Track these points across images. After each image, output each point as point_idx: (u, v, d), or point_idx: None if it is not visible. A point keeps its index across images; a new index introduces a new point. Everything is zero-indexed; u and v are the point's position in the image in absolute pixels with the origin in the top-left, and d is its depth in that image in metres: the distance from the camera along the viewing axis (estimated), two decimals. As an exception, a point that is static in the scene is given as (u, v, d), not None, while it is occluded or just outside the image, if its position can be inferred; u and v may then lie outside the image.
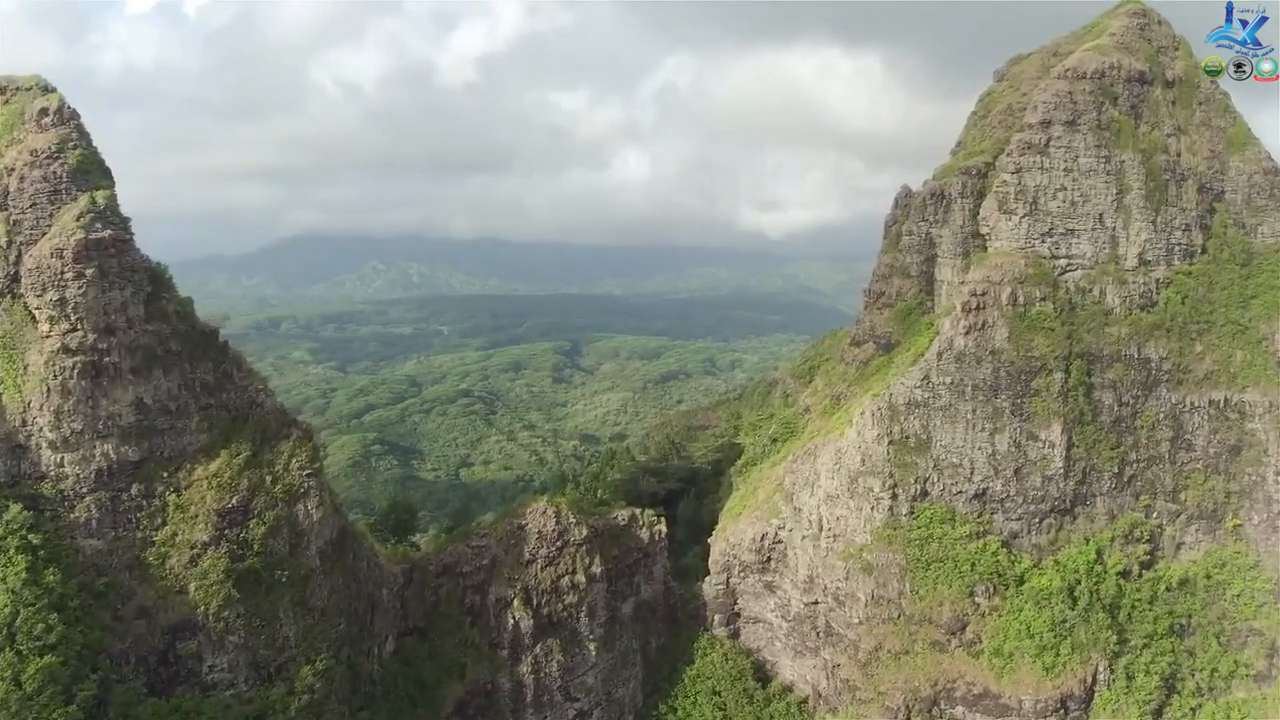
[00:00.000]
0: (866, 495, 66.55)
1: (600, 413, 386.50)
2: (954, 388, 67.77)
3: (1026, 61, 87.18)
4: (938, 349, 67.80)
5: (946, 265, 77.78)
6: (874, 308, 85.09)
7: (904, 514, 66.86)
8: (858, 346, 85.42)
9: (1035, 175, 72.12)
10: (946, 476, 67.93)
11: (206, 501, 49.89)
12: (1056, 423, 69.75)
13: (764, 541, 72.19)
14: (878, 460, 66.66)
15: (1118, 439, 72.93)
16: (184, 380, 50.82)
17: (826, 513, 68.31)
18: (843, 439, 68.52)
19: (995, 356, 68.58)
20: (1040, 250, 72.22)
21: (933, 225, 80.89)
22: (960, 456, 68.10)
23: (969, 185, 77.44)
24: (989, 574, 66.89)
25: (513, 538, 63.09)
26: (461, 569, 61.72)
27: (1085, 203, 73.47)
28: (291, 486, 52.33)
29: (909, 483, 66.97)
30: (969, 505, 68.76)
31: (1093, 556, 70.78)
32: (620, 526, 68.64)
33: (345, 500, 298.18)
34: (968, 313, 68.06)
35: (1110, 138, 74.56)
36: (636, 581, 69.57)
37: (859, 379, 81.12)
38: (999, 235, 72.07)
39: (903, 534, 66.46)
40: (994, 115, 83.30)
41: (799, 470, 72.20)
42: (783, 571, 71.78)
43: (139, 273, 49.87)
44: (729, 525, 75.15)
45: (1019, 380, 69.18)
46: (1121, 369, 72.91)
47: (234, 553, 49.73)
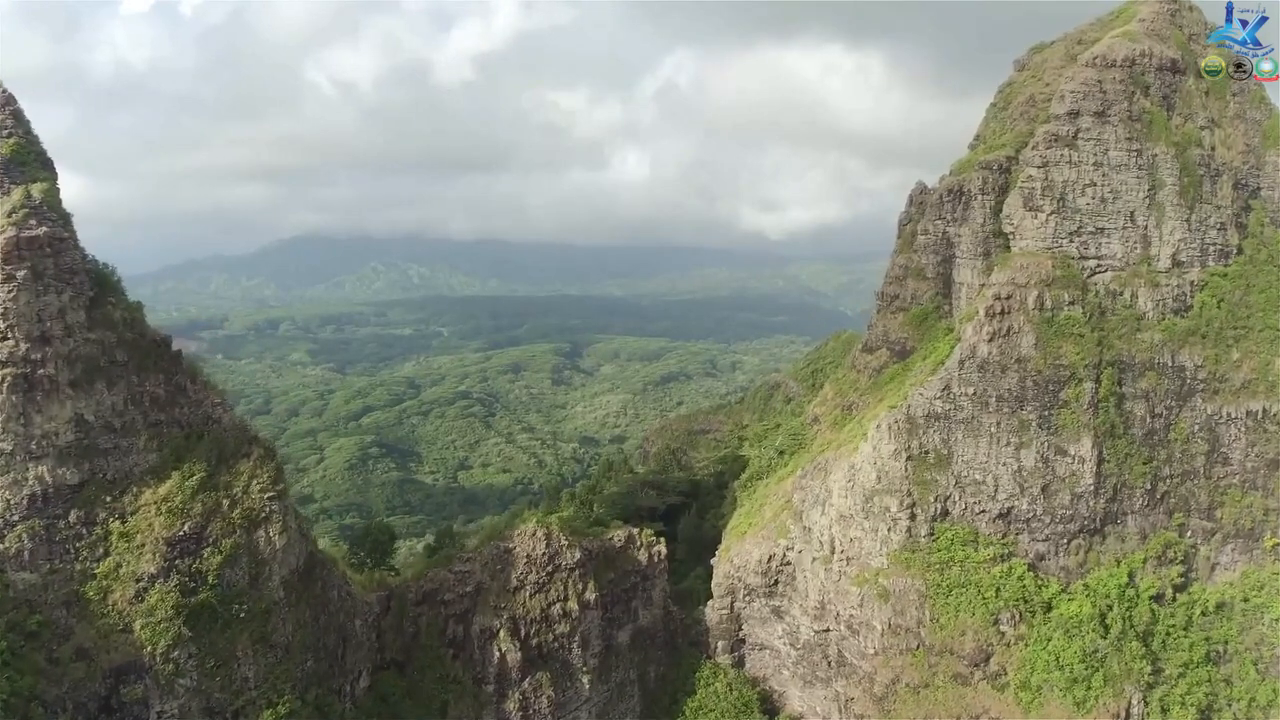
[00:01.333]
0: (883, 515, 61.54)
1: (600, 415, 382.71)
2: (977, 399, 62.78)
3: (1049, 50, 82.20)
4: (959, 357, 62.81)
5: (966, 266, 72.74)
6: (887, 311, 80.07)
7: (923, 535, 61.87)
8: (870, 353, 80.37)
9: (1063, 169, 67.17)
10: (969, 495, 62.94)
11: (155, 529, 44.87)
12: (1086, 436, 64.83)
13: (771, 563, 67.17)
14: (895, 477, 61.66)
15: (1150, 453, 68.09)
16: (131, 394, 45.82)
17: (839, 533, 63.28)
18: (856, 454, 63.50)
19: (1021, 365, 63.62)
20: (1068, 250, 67.27)
21: (950, 224, 75.86)
22: (983, 473, 63.11)
23: (990, 181, 72.41)
24: (1015, 600, 62.00)
25: (499, 562, 58.09)
26: (443, 596, 56.72)
27: (1116, 199, 68.56)
28: (251, 511, 47.32)
29: (928, 501, 61.97)
30: (992, 526, 63.79)
31: (1124, 580, 65.99)
32: (616, 548, 63.65)
33: (342, 504, 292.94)
34: (991, 318, 63.10)
35: (1142, 130, 69.64)
36: (634, 607, 64.57)
37: (871, 388, 76.07)
38: (1024, 234, 67.09)
39: (922, 557, 61.49)
40: (1015, 107, 78.30)
41: (808, 486, 67.19)
42: (791, 596, 66.75)
43: (79, 275, 44.89)
44: (733, 545, 70.13)
45: (1046, 390, 64.22)
46: (1154, 378, 68.03)
47: (185, 586, 44.71)
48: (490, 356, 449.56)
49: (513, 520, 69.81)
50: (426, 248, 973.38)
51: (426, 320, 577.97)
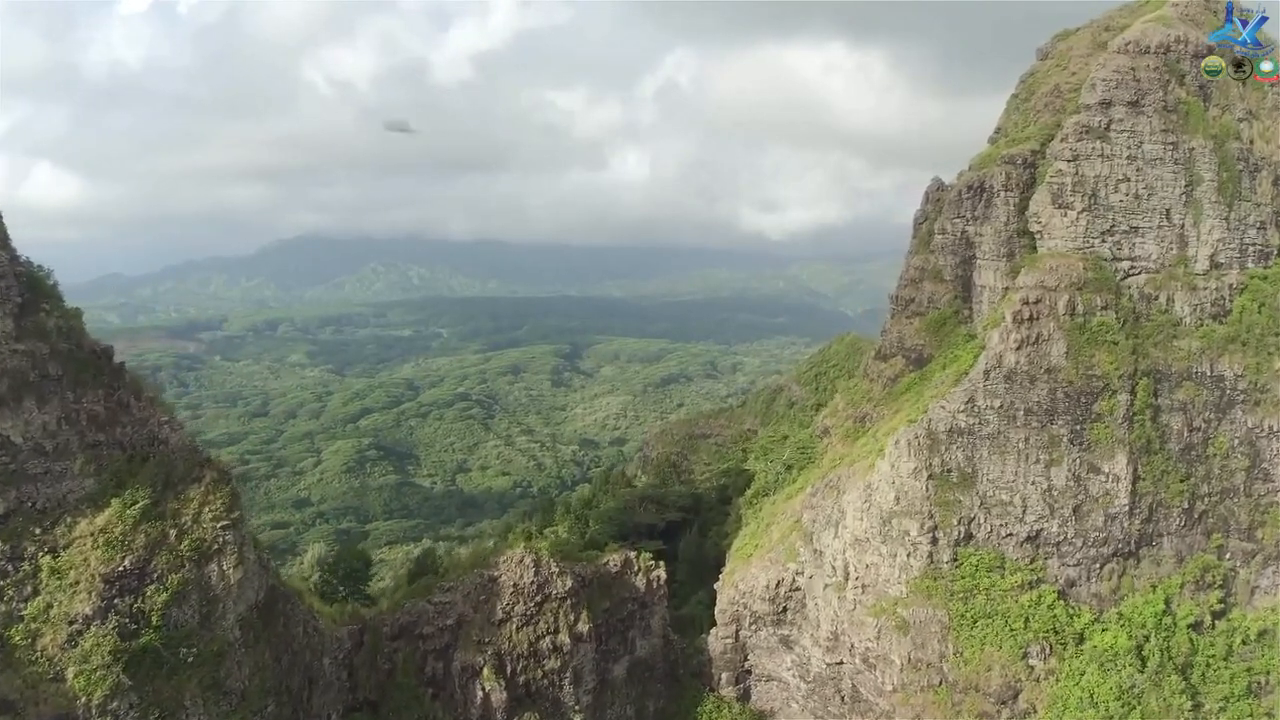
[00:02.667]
0: (901, 539, 56.56)
1: (600, 417, 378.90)
2: (1003, 412, 57.80)
3: (1074, 37, 77.19)
4: (984, 366, 57.83)
5: (988, 268, 67.78)
6: (902, 316, 75.07)
7: (945, 561, 56.88)
8: (884, 360, 75.34)
9: (1095, 164, 62.21)
10: (995, 516, 57.96)
11: (91, 564, 39.96)
12: (1121, 452, 59.87)
13: (779, 589, 62.19)
14: (915, 498, 56.68)
15: (1187, 469, 63.13)
16: (66, 412, 40.92)
17: (853, 559, 58.30)
18: (873, 472, 58.52)
19: (1051, 375, 58.65)
20: (1100, 251, 62.31)
21: (970, 222, 70.88)
22: (1011, 493, 58.14)
23: (1014, 176, 67.44)
24: (1044, 631, 57.08)
25: (483, 592, 53.13)
26: (422, 630, 51.77)
27: (1151, 196, 63.60)
28: (202, 542, 42.41)
29: (951, 524, 57.01)
30: (1020, 550, 58.80)
31: (1161, 607, 61.08)
32: (612, 574, 58.69)
33: (338, 507, 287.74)
34: (1019, 324, 58.13)
35: (1178, 121, 64.69)
36: (631, 637, 59.61)
37: (886, 398, 71.08)
38: (1052, 233, 62.12)
39: (944, 585, 56.51)
40: (1039, 97, 73.31)
41: (820, 506, 62.22)
42: (801, 625, 61.78)
43: (6, 278, 40.02)
44: (738, 568, 65.15)
45: (1078, 403, 59.25)
46: (1192, 388, 63.05)
47: (126, 627, 39.80)
48: (489, 358, 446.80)
49: (499, 544, 64.87)
50: (426, 248, 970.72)
51: (426, 321, 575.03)
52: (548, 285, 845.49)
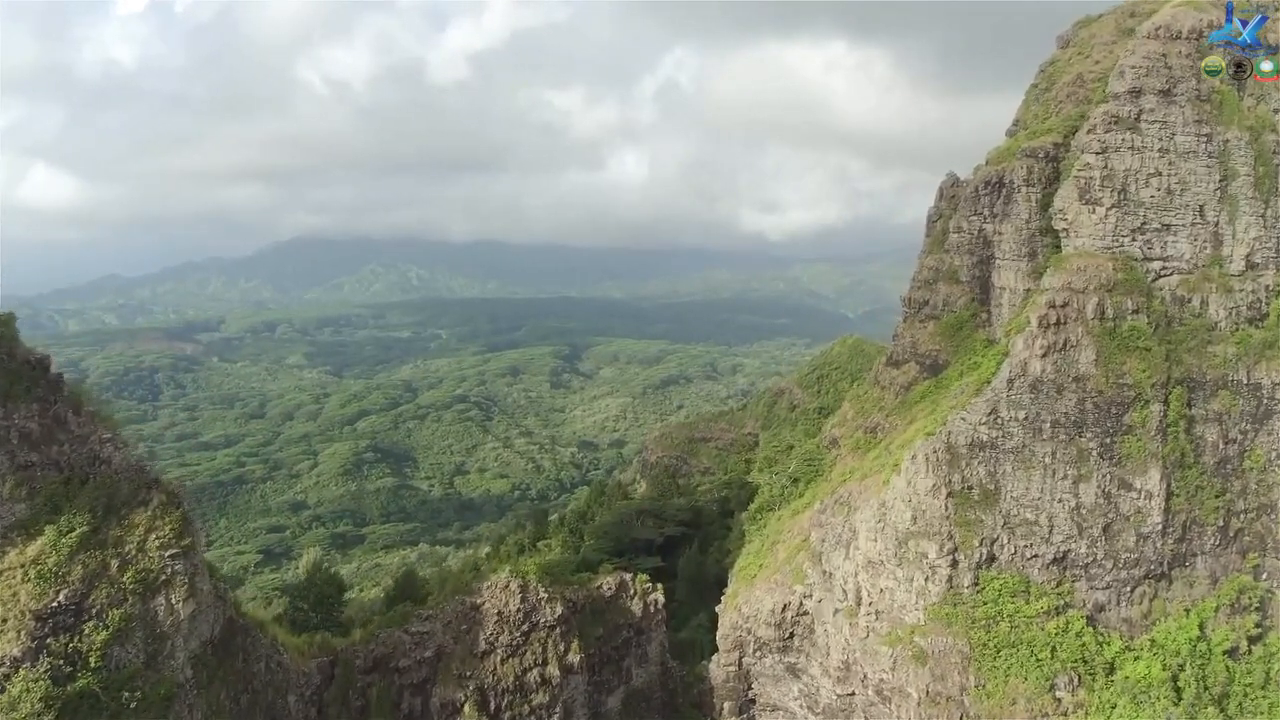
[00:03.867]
0: (919, 562, 52.31)
1: (599, 418, 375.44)
2: (1029, 424, 53.55)
3: (1097, 24, 72.96)
4: (1008, 375, 53.58)
5: (1008, 269, 63.53)
6: (915, 320, 70.76)
7: (966, 586, 52.64)
8: (896, 367, 71.02)
9: (1124, 157, 57.98)
10: (1019, 537, 53.72)
11: (21, 599, 35.79)
12: (1154, 467, 55.63)
13: (786, 613, 57.94)
14: (933, 517, 52.43)
15: (1223, 484, 58.88)
16: (-7, 430, 36.73)
17: (866, 583, 54.05)
18: (887, 489, 54.26)
19: (1079, 384, 54.41)
20: (1130, 250, 58.08)
21: (988, 220, 66.62)
22: (1036, 511, 53.89)
23: (1035, 170, 63.19)
24: (1073, 661, 52.80)
25: (465, 621, 48.88)
26: (398, 663, 47.55)
27: (1183, 191, 59.35)
28: (148, 573, 38.21)
29: (972, 546, 52.75)
30: (1046, 572, 54.54)
31: (1195, 633, 56.84)
32: (606, 598, 54.45)
33: (335, 510, 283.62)
34: (1045, 329, 53.90)
35: (1212, 112, 60.44)
36: (626, 666, 55.37)
37: (899, 407, 66.80)
38: (1079, 231, 57.89)
39: (965, 611, 52.26)
40: (1060, 87, 69.07)
41: (829, 524, 57.96)
42: (809, 652, 57.51)
43: (-75, 281, 35.79)
44: (742, 590, 60.87)
45: (1108, 414, 55.00)
46: (1228, 398, 58.80)
47: (60, 670, 35.62)
48: (489, 359, 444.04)
49: (484, 567, 60.62)
50: (425, 249, 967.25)
51: (425, 323, 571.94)
52: (547, 286, 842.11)
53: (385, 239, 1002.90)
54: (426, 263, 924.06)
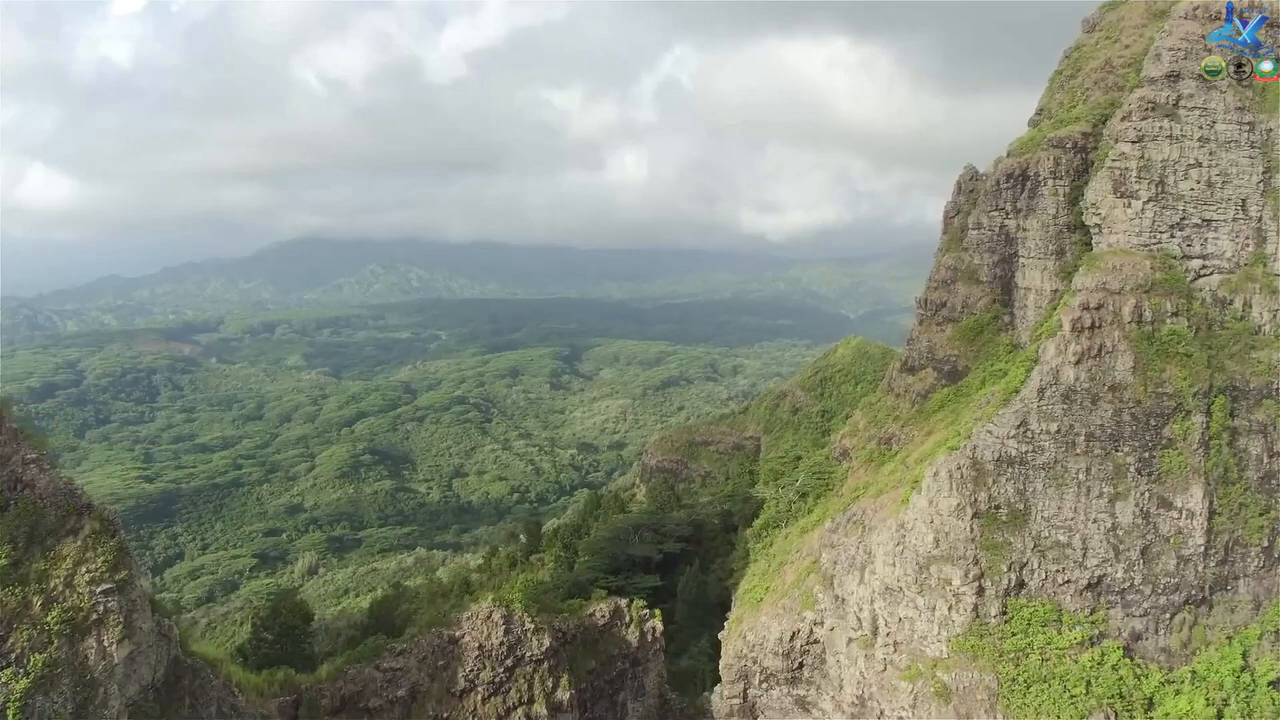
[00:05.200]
0: (942, 590, 47.76)
1: (599, 420, 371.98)
2: (1061, 438, 49.00)
3: (1125, 7, 68.41)
4: (1038, 383, 49.04)
5: (1033, 268, 58.97)
6: (931, 323, 66.19)
7: (993, 615, 48.08)
8: (911, 373, 66.44)
9: (1162, 146, 53.45)
10: (1050, 561, 49.15)
11: (-74, 644, 31.33)
12: (1196, 483, 51.07)
13: (795, 642, 53.40)
14: (957, 540, 47.88)
15: (1267, 501, 54.27)
16: (-104, 450, 32.26)
17: (883, 611, 49.51)
18: (906, 509, 49.71)
19: (1116, 394, 49.84)
20: (1169, 247, 53.54)
21: (1010, 215, 62.08)
22: (1069, 533, 49.33)
23: (1063, 162, 58.65)
24: (1109, 696, 48.17)
25: (442, 656, 44.35)
26: (368, 703, 43.03)
27: (1225, 184, 54.82)
28: (77, 611, 33.72)
29: (1000, 571, 48.20)
30: (1079, 599, 49.97)
31: (1239, 663, 52.32)
32: (599, 627, 49.91)
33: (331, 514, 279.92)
34: (1079, 333, 49.36)
35: (1254, 98, 55.94)
36: (621, 700, 50.83)
37: (916, 417, 62.24)
38: (1114, 227, 53.36)
39: (992, 643, 47.70)
40: (1088, 74, 64.54)
41: (842, 544, 53.43)
42: (820, 684, 52.96)
43: None
44: (746, 615, 56.32)
45: (1147, 426, 50.44)
46: (1273, 407, 54.21)
47: (-30, 725, 31.18)
48: (488, 360, 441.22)
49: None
50: (425, 250, 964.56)
51: (424, 324, 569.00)
52: (547, 287, 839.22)
53: (385, 240, 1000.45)
54: (426, 263, 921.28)
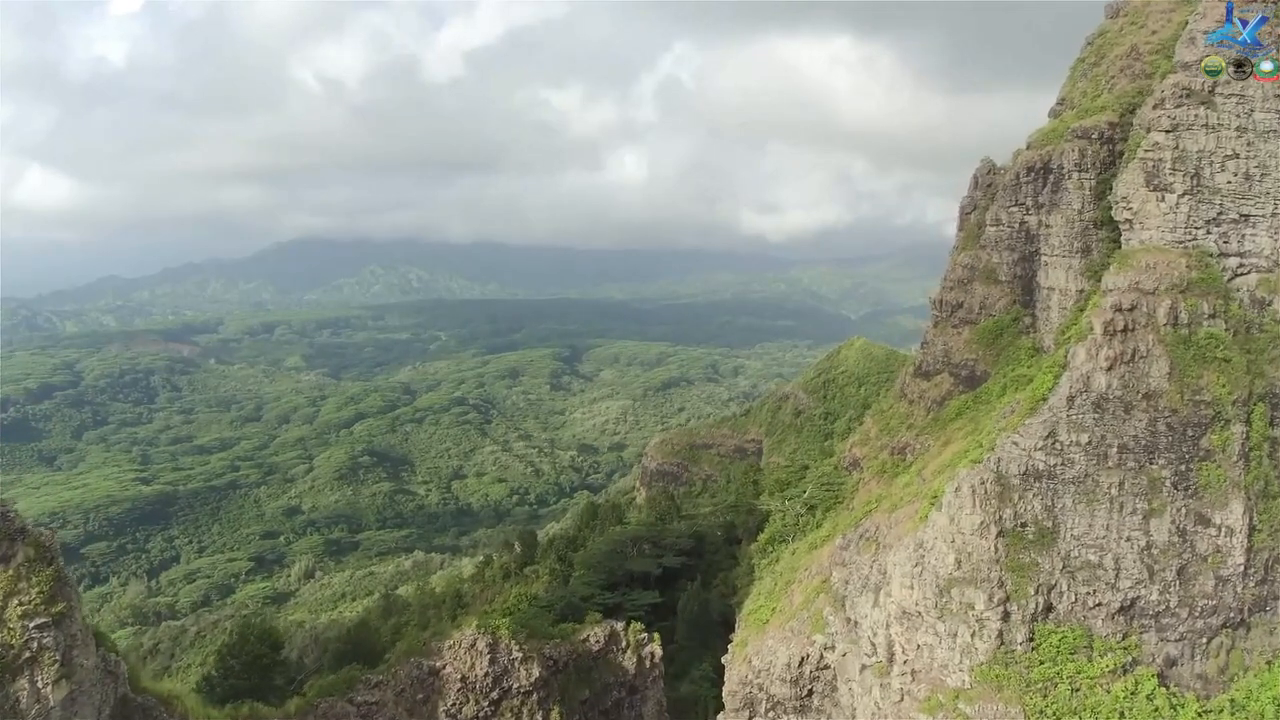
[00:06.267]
0: (964, 614, 44.17)
1: (599, 421, 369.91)
2: (1092, 450, 45.39)
3: (1152, -10, 64.85)
4: (1068, 391, 45.44)
5: (1057, 266, 55.39)
6: (947, 324, 62.57)
7: (1019, 642, 44.47)
8: (926, 378, 62.81)
9: (1198, 136, 49.85)
10: (1080, 583, 45.52)
11: None
12: (1236, 498, 47.39)
13: (804, 667, 49.83)
14: (981, 561, 44.30)
15: (1308, 515, 50.72)
16: None
17: (900, 637, 45.93)
18: (925, 526, 46.13)
19: (1151, 402, 46.23)
20: (1205, 244, 49.93)
21: (1032, 211, 58.47)
22: (1100, 552, 45.70)
23: (1089, 154, 55.04)
24: (1144, 729, 44.64)
25: (421, 689, 40.80)
26: (341, 740, 39.42)
27: (1263, 177, 51.13)
28: (8, 649, 30.17)
29: (1027, 594, 44.58)
30: (1111, 624, 46.32)
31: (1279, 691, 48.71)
32: (593, 653, 46.35)
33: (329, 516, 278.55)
34: (1111, 337, 45.77)
35: (1293, 85, 52.30)
36: (618, 731, 47.20)
37: (932, 425, 58.65)
38: (1146, 222, 49.77)
39: (1018, 673, 44.08)
40: (1112, 61, 60.94)
41: (854, 563, 49.86)
42: (832, 714, 49.37)
43: None
44: (752, 638, 52.77)
45: (1184, 437, 46.80)
46: (1315, 415, 50.63)
47: (-118, 780, 27.69)
48: (488, 361, 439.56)
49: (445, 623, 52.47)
50: (425, 251, 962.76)
51: (424, 324, 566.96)
52: (547, 288, 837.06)
53: (385, 240, 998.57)
54: (426, 264, 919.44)
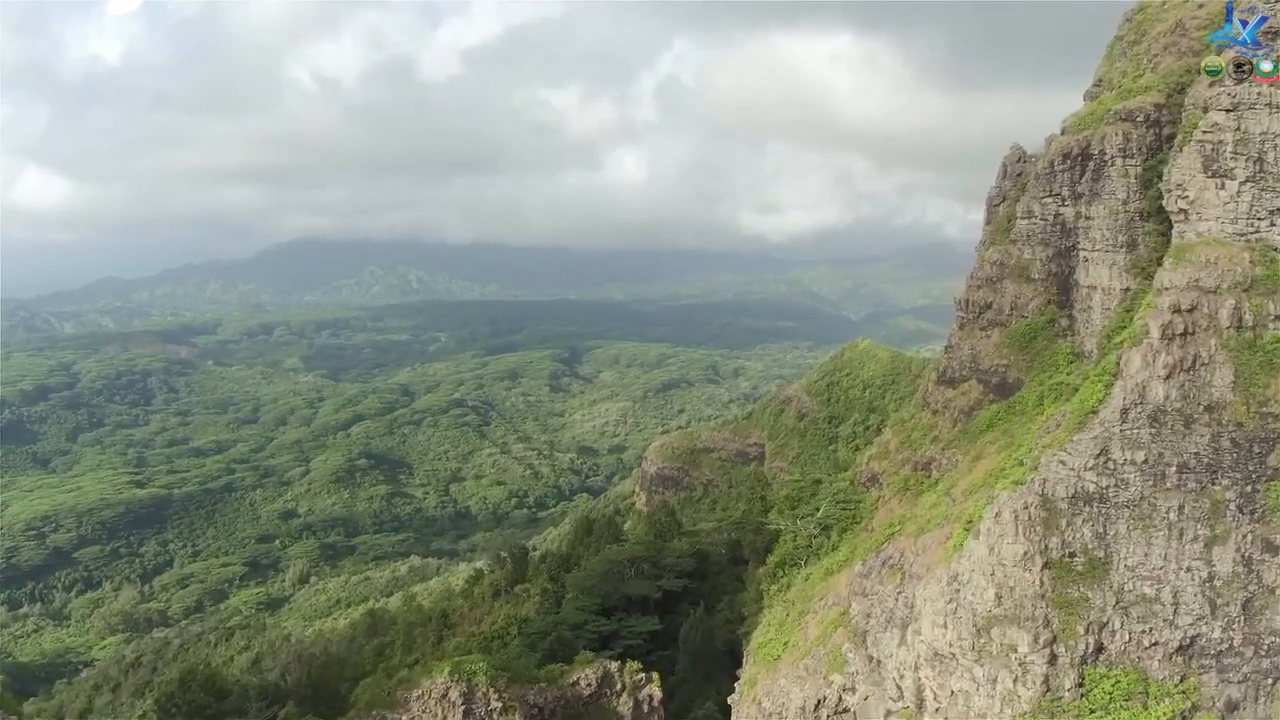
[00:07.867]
0: (1005, 657, 38.90)
1: (599, 423, 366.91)
2: (1149, 469, 40.10)
3: (1196, -38, 59.52)
4: (1121, 403, 40.15)
5: (1099, 262, 50.08)
6: (974, 326, 57.26)
7: (1068, 687, 39.17)
8: (952, 386, 57.49)
9: (1261, 116, 44.50)
10: (1135, 620, 40.21)
11: None
12: (1308, 523, 42.15)
13: (820, 711, 44.54)
14: (1024, 596, 39.03)
15: (1380, 540, 45.45)
16: None
17: (932, 681, 40.66)
18: (960, 557, 40.86)
19: (1213, 415, 40.93)
20: (1269, 238, 44.60)
21: (1069, 202, 53.17)
22: (1158, 585, 40.40)
23: (1135, 138, 49.73)
24: (1207, 784, 39.44)
25: (386, 745, 35.54)
26: (292, 805, 34.21)
27: (1331, 162, 45.95)
28: None
29: (1076, 634, 39.30)
30: (1168, 665, 41.00)
31: (1352, 737, 43.43)
32: (584, 697, 41.12)
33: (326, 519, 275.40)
34: (1169, 341, 40.49)
35: (1362, 61, 47.06)
36: (611, 785, 41.96)
37: (959, 438, 53.35)
38: (1204, 213, 44.46)
39: (1066, 723, 38.83)
40: (1155, 38, 55.63)
41: (876, 594, 44.60)
42: (852, 763, 44.10)
43: None
44: (762, 676, 47.50)
45: (1250, 454, 41.45)
46: (1389, 428, 45.32)
47: None
48: (487, 362, 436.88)
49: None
50: (424, 251, 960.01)
51: (423, 325, 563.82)
52: (547, 288, 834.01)
53: (384, 241, 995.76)
54: (426, 265, 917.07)
